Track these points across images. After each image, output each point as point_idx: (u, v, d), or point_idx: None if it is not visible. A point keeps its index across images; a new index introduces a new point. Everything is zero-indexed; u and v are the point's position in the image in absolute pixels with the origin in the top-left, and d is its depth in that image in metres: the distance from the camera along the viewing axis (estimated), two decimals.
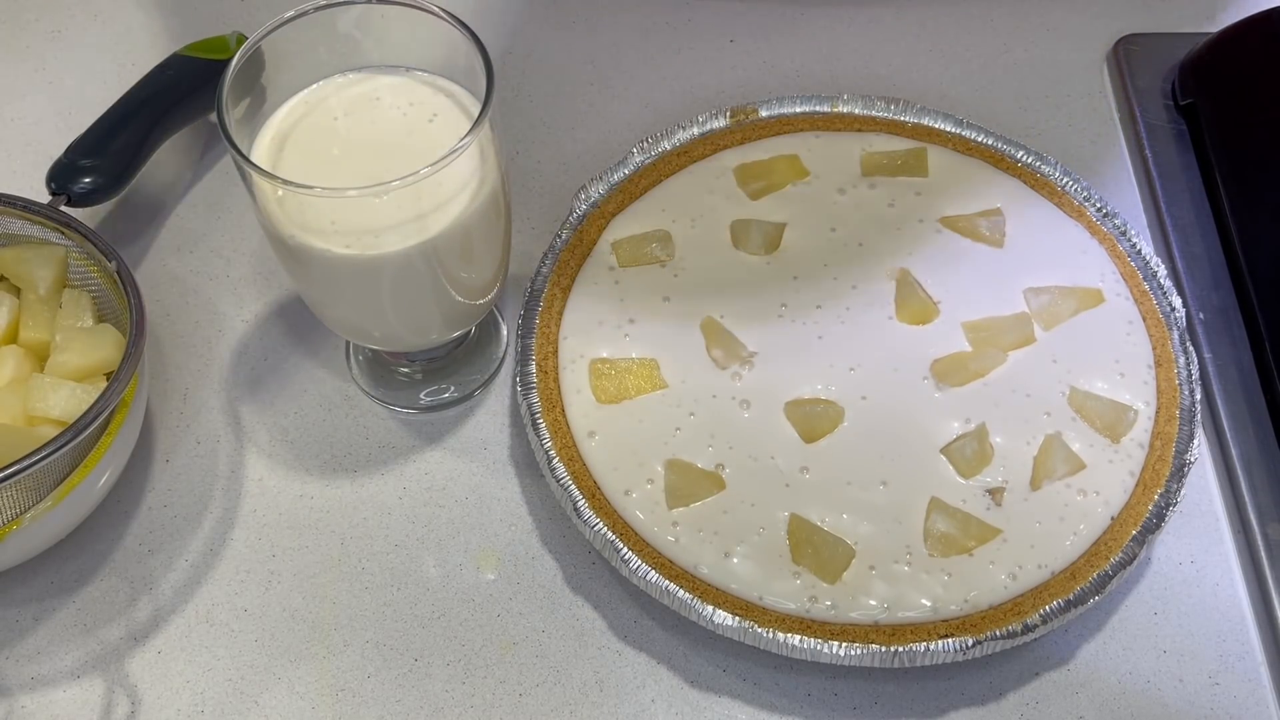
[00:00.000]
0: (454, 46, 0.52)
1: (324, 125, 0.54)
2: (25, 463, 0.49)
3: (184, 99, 0.66)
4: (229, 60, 0.51)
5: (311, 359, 0.63)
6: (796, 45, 0.75)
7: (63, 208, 0.59)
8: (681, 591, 0.53)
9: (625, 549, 0.54)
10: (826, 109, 0.68)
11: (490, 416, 0.62)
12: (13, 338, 0.57)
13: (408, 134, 0.53)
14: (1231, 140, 0.68)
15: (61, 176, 0.61)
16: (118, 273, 0.56)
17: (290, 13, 0.52)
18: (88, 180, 0.61)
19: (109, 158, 0.63)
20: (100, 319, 0.57)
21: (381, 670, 0.54)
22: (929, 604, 0.53)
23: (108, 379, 0.55)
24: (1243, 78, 0.69)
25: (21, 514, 0.52)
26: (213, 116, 0.54)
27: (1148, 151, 0.70)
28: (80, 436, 0.51)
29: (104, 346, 0.55)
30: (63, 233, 0.58)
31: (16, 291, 0.58)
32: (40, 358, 0.56)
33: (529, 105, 0.73)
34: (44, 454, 0.49)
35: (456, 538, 0.58)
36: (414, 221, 0.51)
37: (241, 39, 0.56)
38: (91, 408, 0.51)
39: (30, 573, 0.56)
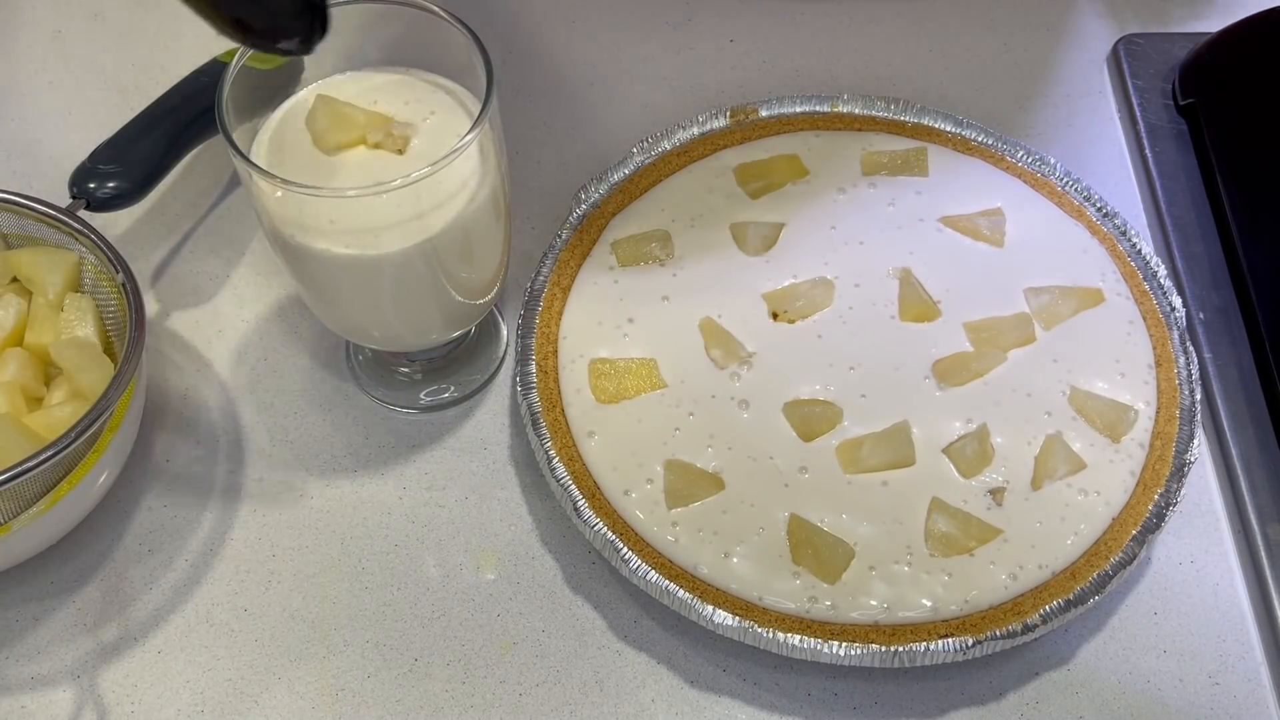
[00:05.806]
0: (454, 46, 0.52)
1: None
2: (2, 476, 0.49)
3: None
4: (226, 65, 0.51)
5: (311, 359, 0.63)
6: (796, 45, 0.75)
7: (81, 212, 0.58)
8: (681, 591, 0.53)
9: (625, 549, 0.54)
10: (826, 109, 0.68)
11: (490, 416, 0.62)
12: (18, 340, 0.57)
13: None
14: (1231, 140, 0.68)
15: (83, 181, 0.60)
16: (123, 285, 0.56)
17: None
18: (110, 186, 0.60)
19: (133, 164, 0.61)
20: (103, 327, 0.57)
21: (381, 670, 0.54)
22: (929, 604, 0.53)
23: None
24: (1243, 78, 0.69)
25: (14, 517, 0.52)
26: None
27: (1148, 151, 0.70)
28: (65, 451, 0.50)
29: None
30: (76, 239, 0.57)
31: (28, 294, 0.58)
32: (44, 362, 0.56)
33: (529, 105, 0.73)
34: (24, 468, 0.49)
35: (456, 538, 0.58)
36: (414, 221, 0.51)
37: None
38: (74, 426, 0.51)
39: (30, 573, 0.56)
